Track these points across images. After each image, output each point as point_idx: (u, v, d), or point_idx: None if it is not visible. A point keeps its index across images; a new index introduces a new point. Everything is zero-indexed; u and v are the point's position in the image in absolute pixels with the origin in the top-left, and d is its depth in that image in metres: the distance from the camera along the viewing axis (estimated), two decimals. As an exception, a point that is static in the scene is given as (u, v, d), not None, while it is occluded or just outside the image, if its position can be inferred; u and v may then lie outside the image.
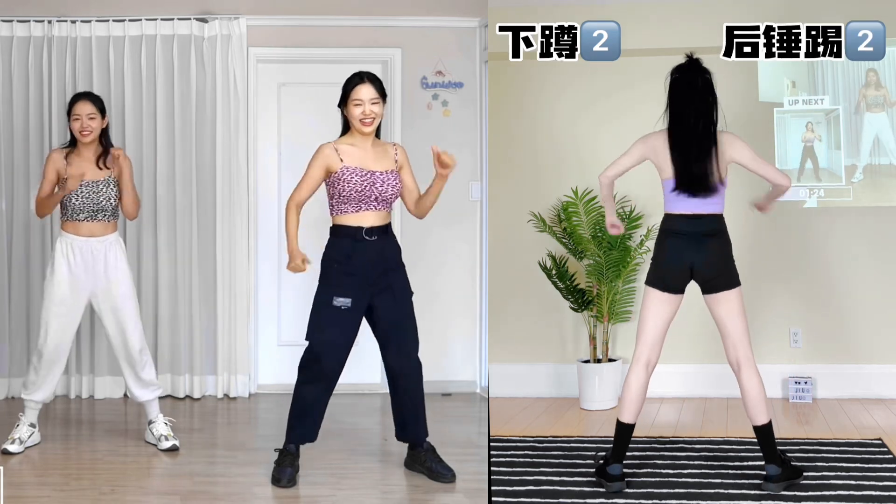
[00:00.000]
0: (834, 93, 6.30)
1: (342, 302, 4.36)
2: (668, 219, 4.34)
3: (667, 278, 4.32)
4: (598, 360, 6.13)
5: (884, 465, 4.52)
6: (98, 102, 4.96)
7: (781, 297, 6.28)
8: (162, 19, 6.27)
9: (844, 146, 6.28)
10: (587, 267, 6.12)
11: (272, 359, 6.48)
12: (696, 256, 4.25)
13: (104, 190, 4.93)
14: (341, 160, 4.38)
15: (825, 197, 6.30)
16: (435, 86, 6.47)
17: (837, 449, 4.85)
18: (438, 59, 6.46)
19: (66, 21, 6.22)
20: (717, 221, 4.29)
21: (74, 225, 4.92)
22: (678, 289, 4.33)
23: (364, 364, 6.31)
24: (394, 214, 5.13)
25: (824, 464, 4.55)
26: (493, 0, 5.94)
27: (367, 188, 4.37)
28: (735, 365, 4.30)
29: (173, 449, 4.96)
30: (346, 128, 4.48)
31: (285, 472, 4.39)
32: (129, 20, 6.26)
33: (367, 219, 4.40)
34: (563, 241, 6.19)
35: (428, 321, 6.12)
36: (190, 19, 6.28)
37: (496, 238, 6.41)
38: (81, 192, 4.88)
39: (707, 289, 4.31)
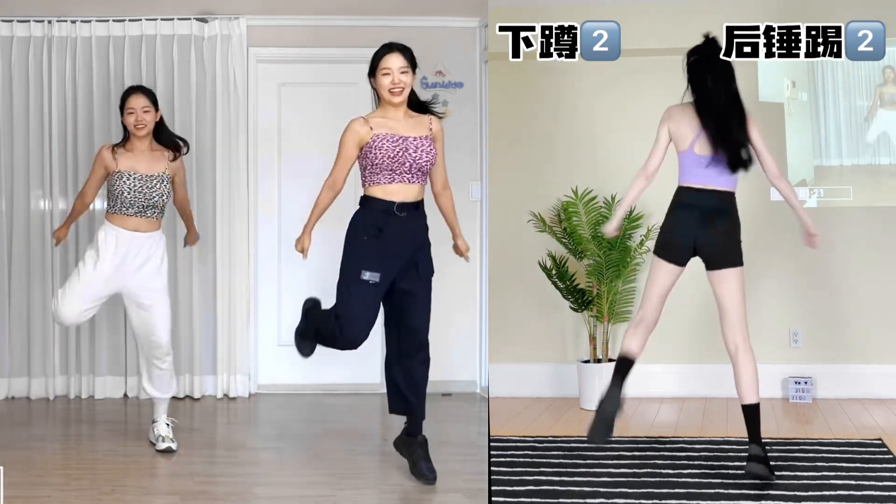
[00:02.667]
0: (835, 92, 6.30)
1: (371, 276, 4.23)
2: (680, 191, 4.39)
3: (672, 251, 4.38)
4: (598, 360, 6.13)
5: (884, 465, 4.52)
6: (151, 95, 4.91)
7: (781, 297, 6.28)
8: (162, 19, 6.27)
9: (846, 144, 6.30)
10: (587, 267, 6.12)
11: (272, 359, 6.47)
12: (700, 233, 4.30)
13: (157, 185, 4.84)
14: (371, 129, 4.27)
15: (825, 197, 6.30)
16: (435, 86, 6.46)
17: (837, 449, 4.84)
18: (438, 59, 6.46)
19: (66, 21, 6.22)
20: (727, 200, 4.33)
21: (122, 218, 4.82)
22: (681, 262, 4.40)
23: (364, 364, 6.30)
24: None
25: (824, 464, 4.55)
26: (493, 0, 5.94)
27: (401, 154, 4.26)
28: (732, 347, 4.35)
29: (168, 451, 4.89)
30: (377, 103, 4.39)
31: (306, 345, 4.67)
32: (129, 20, 6.26)
33: (398, 193, 4.29)
34: (563, 241, 6.19)
35: (428, 321, 6.12)
36: (190, 19, 6.28)
37: (496, 238, 6.40)
38: (134, 186, 4.79)
39: (710, 265, 4.35)
